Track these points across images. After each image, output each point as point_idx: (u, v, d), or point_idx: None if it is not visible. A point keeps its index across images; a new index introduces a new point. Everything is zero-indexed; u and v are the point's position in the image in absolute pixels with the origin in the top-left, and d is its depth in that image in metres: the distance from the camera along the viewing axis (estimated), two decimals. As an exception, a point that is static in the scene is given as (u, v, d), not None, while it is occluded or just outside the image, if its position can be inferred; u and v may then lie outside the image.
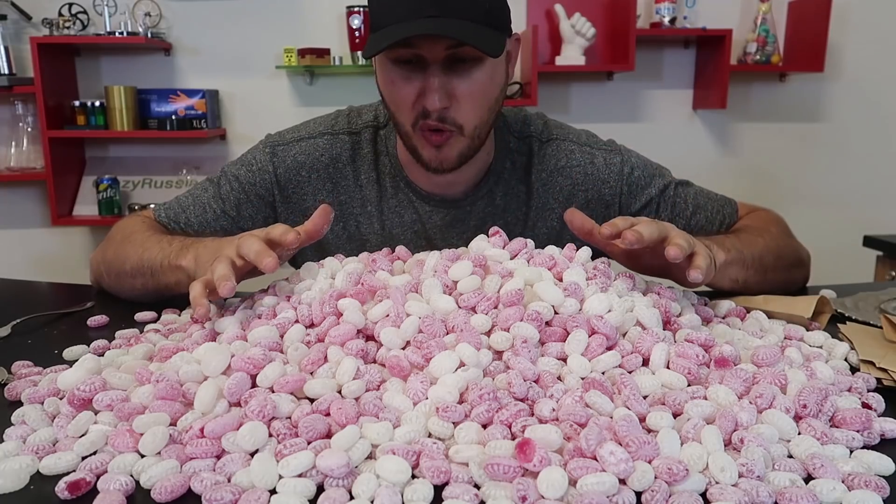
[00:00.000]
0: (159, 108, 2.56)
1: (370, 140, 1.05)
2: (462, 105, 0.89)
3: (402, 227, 1.05)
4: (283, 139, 1.05)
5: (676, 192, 1.05)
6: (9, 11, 2.47)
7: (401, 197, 1.04)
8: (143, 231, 0.99)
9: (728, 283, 0.92)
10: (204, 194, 1.05)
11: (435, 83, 0.87)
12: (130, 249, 0.95)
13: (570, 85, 2.72)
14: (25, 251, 2.70)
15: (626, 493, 0.46)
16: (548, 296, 0.65)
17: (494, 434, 0.52)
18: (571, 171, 1.04)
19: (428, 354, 0.60)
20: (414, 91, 0.89)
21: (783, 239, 1.01)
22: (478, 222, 1.04)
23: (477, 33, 0.83)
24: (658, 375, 0.60)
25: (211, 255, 0.81)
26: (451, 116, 0.89)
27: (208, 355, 0.60)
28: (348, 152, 1.04)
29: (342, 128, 1.05)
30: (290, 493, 0.47)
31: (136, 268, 0.93)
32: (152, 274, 0.91)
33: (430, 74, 0.87)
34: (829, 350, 0.74)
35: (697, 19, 2.63)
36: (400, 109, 0.92)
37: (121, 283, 0.97)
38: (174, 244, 0.90)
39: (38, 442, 0.54)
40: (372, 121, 1.05)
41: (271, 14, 2.59)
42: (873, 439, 0.56)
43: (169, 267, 0.88)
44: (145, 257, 0.92)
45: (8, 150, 2.56)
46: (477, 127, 0.92)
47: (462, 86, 0.88)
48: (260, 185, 1.04)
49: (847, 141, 2.82)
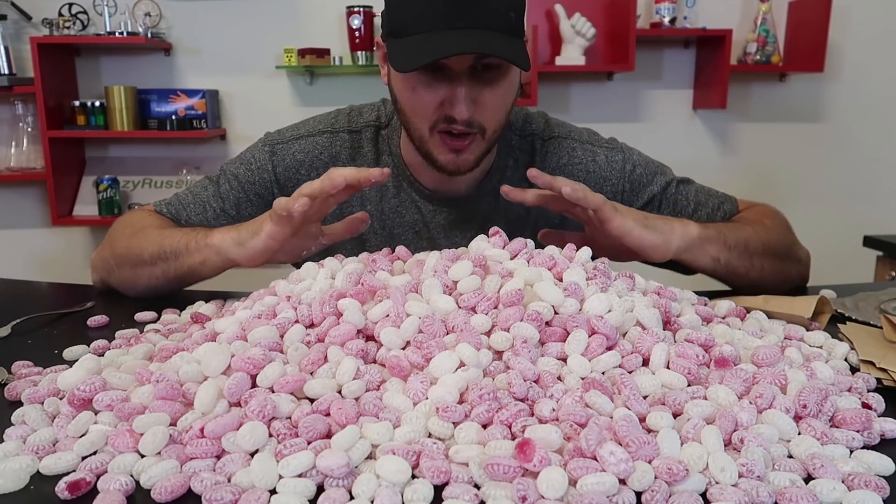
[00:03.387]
0: (159, 108, 2.56)
1: (371, 139, 1.05)
2: (486, 111, 0.90)
3: (402, 227, 1.05)
4: (283, 137, 1.05)
5: (678, 189, 1.06)
6: (9, 11, 2.47)
7: (403, 197, 1.04)
8: (157, 223, 1.00)
9: (708, 260, 0.93)
10: (203, 192, 1.05)
11: (462, 93, 0.86)
12: (147, 239, 0.95)
13: (570, 85, 2.72)
14: (25, 251, 2.70)
15: (626, 493, 0.46)
16: (548, 296, 0.65)
17: (494, 434, 0.52)
18: (573, 168, 1.04)
19: (428, 354, 0.60)
20: (437, 98, 0.88)
21: (777, 231, 1.01)
22: (481, 220, 1.04)
23: (507, 46, 0.84)
24: (658, 375, 0.60)
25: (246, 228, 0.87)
26: (477, 121, 0.90)
27: (208, 355, 0.60)
28: (348, 151, 1.04)
29: (342, 126, 1.05)
30: (290, 493, 0.47)
31: (157, 254, 0.93)
32: (176, 257, 0.92)
33: (456, 84, 0.87)
34: (829, 350, 0.74)
35: (697, 19, 2.63)
36: (418, 115, 0.91)
37: (137, 273, 0.96)
38: (198, 229, 0.94)
39: (38, 442, 0.54)
40: (374, 120, 1.05)
41: (271, 14, 2.59)
42: (873, 439, 0.56)
43: (196, 247, 0.91)
44: (166, 244, 0.93)
45: (8, 150, 2.56)
46: (496, 130, 0.93)
47: (487, 94, 0.88)
48: (259, 184, 1.04)
49: (847, 141, 2.82)
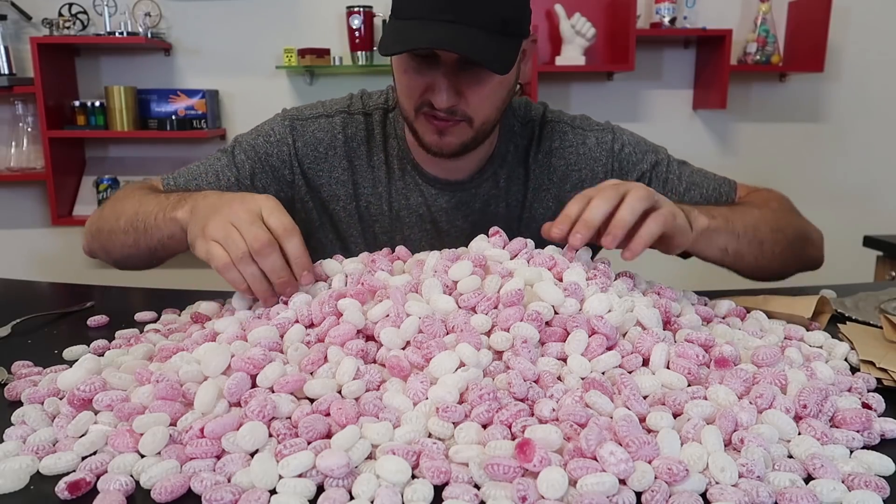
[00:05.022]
0: (159, 109, 2.56)
1: (380, 122, 1.06)
2: (471, 102, 0.90)
3: (408, 209, 1.06)
4: (302, 115, 1.05)
5: (670, 168, 1.05)
6: (9, 11, 2.47)
7: (407, 179, 1.05)
8: (144, 189, 0.97)
9: (717, 252, 0.89)
10: (217, 163, 1.03)
11: (444, 83, 0.88)
12: (128, 204, 0.93)
13: (570, 85, 2.72)
14: (25, 251, 2.70)
15: (626, 494, 0.46)
16: (548, 296, 0.65)
17: (494, 434, 0.52)
18: (564, 151, 1.05)
19: (428, 354, 0.60)
20: (423, 83, 0.90)
21: (784, 214, 0.99)
22: (482, 205, 1.05)
23: (489, 48, 0.84)
24: (658, 375, 0.60)
25: (210, 209, 0.77)
26: (461, 110, 0.91)
27: (208, 355, 0.60)
28: (363, 133, 1.05)
29: (357, 108, 1.06)
30: (290, 493, 0.47)
31: (130, 222, 0.90)
32: (145, 229, 0.88)
33: (441, 72, 0.88)
34: (829, 350, 0.74)
35: (697, 19, 2.63)
36: (405, 95, 0.93)
37: (112, 240, 0.94)
38: (171, 197, 0.88)
39: (38, 442, 0.54)
40: (382, 104, 1.07)
41: (271, 14, 2.59)
42: (873, 439, 0.56)
43: (164, 220, 0.85)
44: (141, 211, 0.89)
45: (8, 150, 2.56)
46: (485, 123, 0.94)
47: (471, 86, 0.89)
48: (276, 157, 1.03)
49: (847, 141, 2.82)
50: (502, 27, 0.85)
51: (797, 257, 0.99)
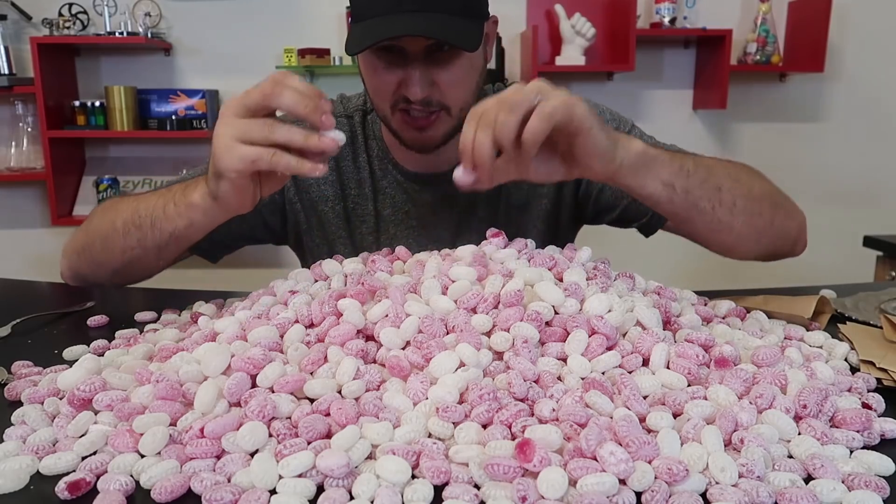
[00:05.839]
0: (159, 109, 2.56)
1: (360, 123, 1.08)
2: (445, 90, 0.91)
3: (393, 207, 1.07)
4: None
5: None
6: (9, 11, 2.47)
7: (389, 179, 1.07)
8: (125, 198, 0.94)
9: (660, 187, 0.77)
10: None
11: (416, 75, 0.88)
12: (118, 210, 0.91)
13: (570, 85, 2.72)
14: (25, 251, 2.70)
15: (626, 494, 0.46)
16: (548, 296, 0.65)
17: (494, 434, 0.52)
18: None
19: (428, 354, 0.60)
20: (395, 79, 0.90)
21: (754, 177, 0.91)
22: (466, 195, 1.03)
23: (455, 29, 0.85)
24: (658, 375, 0.60)
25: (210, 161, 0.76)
26: (436, 100, 0.91)
27: (208, 355, 0.60)
28: (347, 135, 1.06)
29: (339, 112, 1.08)
30: (290, 493, 0.47)
31: (130, 221, 0.88)
32: (152, 224, 0.85)
33: (411, 66, 0.88)
34: (829, 350, 0.74)
35: (697, 19, 2.63)
36: (378, 95, 0.94)
37: (108, 247, 0.92)
38: (174, 188, 0.85)
39: (38, 442, 0.54)
40: (361, 105, 1.09)
41: (271, 14, 2.59)
42: (873, 439, 0.56)
43: (175, 211, 0.83)
44: (142, 208, 0.87)
45: (8, 150, 2.56)
46: (462, 109, 0.93)
47: (443, 74, 0.90)
48: None
49: (847, 141, 2.82)
50: (463, 9, 0.87)
51: (767, 223, 0.89)
